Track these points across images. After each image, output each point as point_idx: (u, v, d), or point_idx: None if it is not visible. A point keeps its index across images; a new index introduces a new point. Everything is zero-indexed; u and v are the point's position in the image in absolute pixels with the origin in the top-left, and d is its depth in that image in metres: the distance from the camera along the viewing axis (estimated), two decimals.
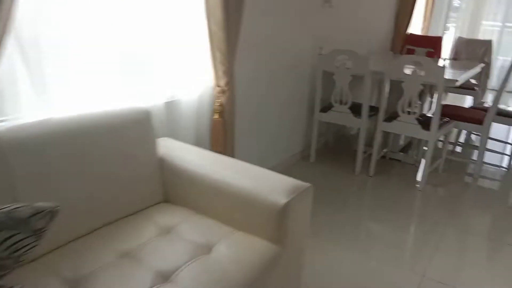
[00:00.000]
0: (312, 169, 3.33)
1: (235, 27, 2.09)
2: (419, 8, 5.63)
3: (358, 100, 3.19)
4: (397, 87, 2.99)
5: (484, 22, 7.16)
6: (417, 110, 2.90)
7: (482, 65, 4.03)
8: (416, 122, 2.91)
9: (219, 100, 2.19)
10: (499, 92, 3.08)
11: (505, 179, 3.36)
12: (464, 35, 7.16)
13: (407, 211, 2.73)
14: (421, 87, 2.83)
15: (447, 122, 3.08)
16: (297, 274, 1.66)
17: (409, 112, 2.92)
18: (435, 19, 6.59)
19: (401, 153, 3.58)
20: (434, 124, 2.84)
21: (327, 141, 3.85)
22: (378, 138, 3.14)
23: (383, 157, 3.59)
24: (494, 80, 6.92)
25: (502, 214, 2.75)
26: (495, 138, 3.95)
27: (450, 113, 3.26)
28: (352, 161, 3.44)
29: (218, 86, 2.17)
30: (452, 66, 3.75)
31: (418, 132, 2.94)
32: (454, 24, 7.51)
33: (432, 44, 4.84)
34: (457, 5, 7.58)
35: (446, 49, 5.45)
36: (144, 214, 1.57)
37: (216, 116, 2.21)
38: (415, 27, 5.80)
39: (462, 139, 4.31)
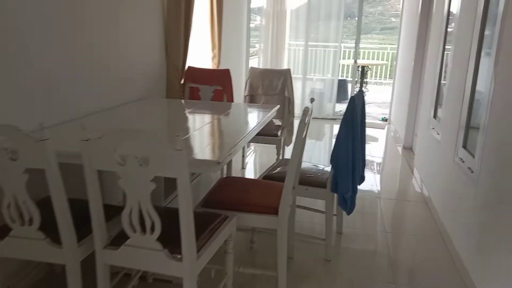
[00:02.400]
0: None
1: None
2: (205, 31, 4.54)
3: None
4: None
5: (291, 42, 6.63)
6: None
7: (277, 107, 3.01)
8: (159, 246, 1.56)
9: None
10: (299, 142, 1.96)
11: None
12: (269, 60, 6.46)
13: None
14: (152, 186, 1.49)
15: (216, 230, 1.82)
16: None
17: (143, 229, 1.55)
18: (231, 44, 5.68)
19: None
20: (188, 249, 1.53)
21: None
22: (102, 276, 1.68)
23: (143, 278, 2.18)
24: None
25: None
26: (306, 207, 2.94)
27: (225, 203, 2.04)
28: None
29: None
30: (238, 114, 2.60)
31: (164, 265, 1.59)
32: (256, 48, 6.80)
33: (219, 79, 3.73)
34: (257, 24, 6.91)
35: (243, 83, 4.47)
36: None
37: None
38: (206, 57, 4.70)
39: None
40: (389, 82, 11.38)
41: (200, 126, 2.39)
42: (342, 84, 8.00)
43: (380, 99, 9.01)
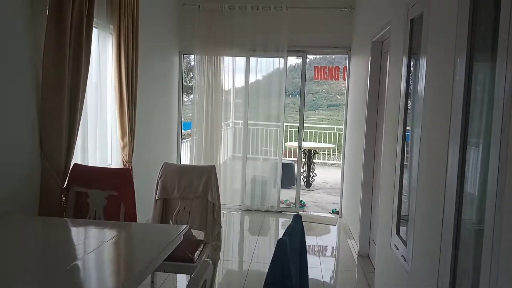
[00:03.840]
0: None
1: None
2: (112, 113, 3.64)
3: None
4: None
5: (229, 121, 5.87)
6: None
7: (184, 228, 2.07)
8: None
9: None
10: None
11: None
12: (203, 143, 5.62)
13: None
14: None
15: None
16: None
17: None
18: (154, 126, 4.81)
19: None
20: None
21: None
22: None
23: None
24: None
25: None
26: None
27: None
28: None
29: None
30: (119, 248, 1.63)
31: None
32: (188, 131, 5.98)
33: (115, 182, 2.77)
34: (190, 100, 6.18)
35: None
36: None
37: None
38: (113, 148, 3.77)
39: None
40: (337, 162, 10.90)
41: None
42: (287, 168, 7.27)
43: (329, 182, 8.35)
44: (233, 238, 4.93)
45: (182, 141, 5.92)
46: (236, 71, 5.76)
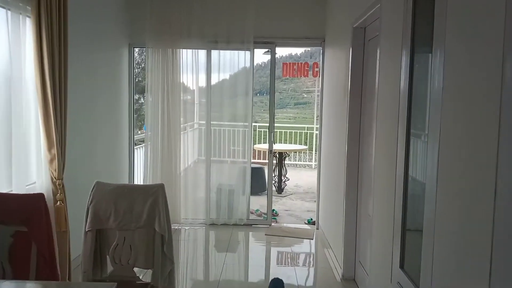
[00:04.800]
0: None
1: None
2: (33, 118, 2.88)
3: None
4: None
5: (190, 123, 5.14)
6: None
7: None
8: None
9: None
10: None
11: None
12: (159, 148, 4.89)
13: None
14: None
15: None
16: None
17: None
18: (96, 130, 4.06)
19: None
20: None
21: None
22: None
23: None
24: None
25: None
26: None
27: None
28: None
29: None
30: None
31: None
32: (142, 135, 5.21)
33: (25, 213, 2.02)
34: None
35: None
36: None
37: None
38: (37, 162, 2.99)
39: None
40: (309, 163, 10.36)
41: None
42: (257, 172, 6.62)
43: (302, 186, 7.76)
44: (196, 260, 4.24)
45: (135, 147, 5.15)
46: (199, 67, 5.05)
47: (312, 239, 4.70)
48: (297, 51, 18.86)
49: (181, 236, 4.78)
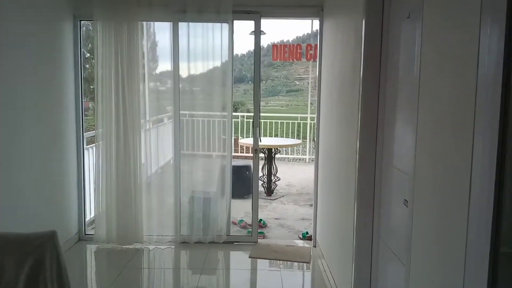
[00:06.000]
0: None
1: None
2: None
3: None
4: None
5: (152, 118, 4.09)
6: None
7: None
8: None
9: None
10: None
11: None
12: (114, 147, 3.86)
13: None
14: None
15: None
16: None
17: None
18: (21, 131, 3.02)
19: None
20: None
21: None
22: None
23: None
24: None
25: None
26: None
27: None
28: None
29: None
30: None
31: None
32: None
33: None
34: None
35: None
36: None
37: None
38: None
39: None
40: (303, 157, 9.37)
41: None
42: (241, 172, 5.62)
43: (295, 185, 6.77)
44: None
45: (86, 147, 4.11)
46: (165, 45, 4.00)
47: (309, 262, 3.71)
48: (289, 37, 17.78)
49: (144, 258, 3.79)
